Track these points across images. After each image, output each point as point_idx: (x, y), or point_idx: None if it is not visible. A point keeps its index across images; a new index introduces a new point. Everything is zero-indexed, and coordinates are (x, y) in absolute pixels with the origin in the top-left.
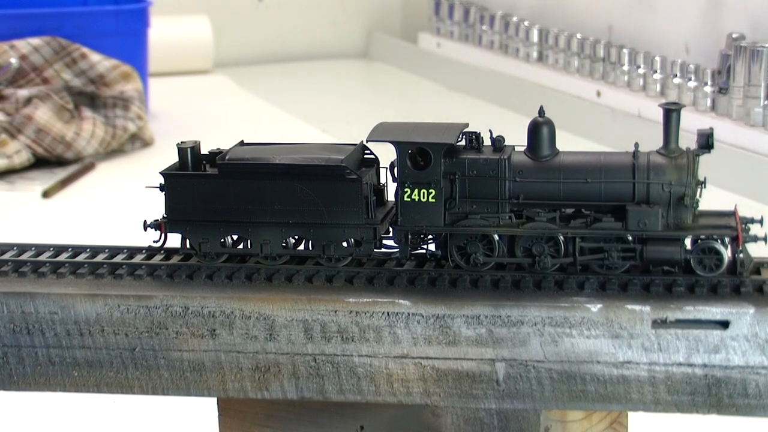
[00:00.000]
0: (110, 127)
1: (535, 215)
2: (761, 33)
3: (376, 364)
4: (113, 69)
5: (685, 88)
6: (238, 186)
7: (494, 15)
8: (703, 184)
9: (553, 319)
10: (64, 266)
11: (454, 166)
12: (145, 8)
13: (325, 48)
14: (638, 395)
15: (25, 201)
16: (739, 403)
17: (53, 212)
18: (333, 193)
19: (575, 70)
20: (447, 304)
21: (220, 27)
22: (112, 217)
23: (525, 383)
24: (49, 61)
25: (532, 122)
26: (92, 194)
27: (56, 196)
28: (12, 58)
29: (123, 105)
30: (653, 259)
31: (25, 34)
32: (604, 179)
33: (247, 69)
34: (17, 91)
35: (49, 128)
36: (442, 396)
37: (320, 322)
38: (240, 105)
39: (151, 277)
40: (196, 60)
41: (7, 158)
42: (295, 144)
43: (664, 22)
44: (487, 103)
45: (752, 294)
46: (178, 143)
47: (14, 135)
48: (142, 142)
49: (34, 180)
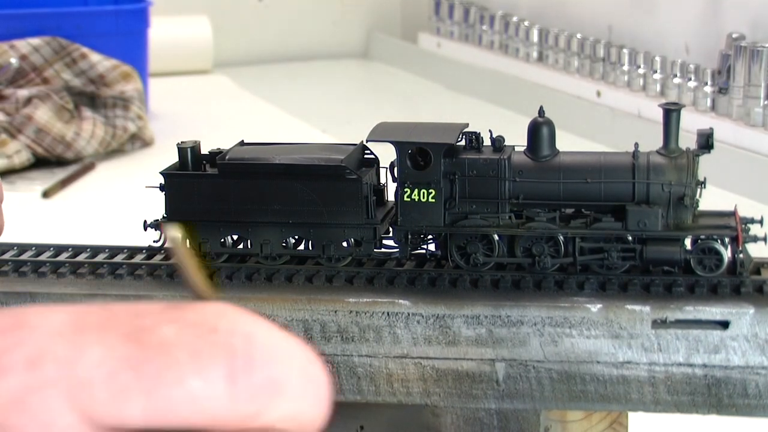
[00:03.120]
0: (110, 127)
1: (535, 215)
2: (761, 33)
3: (376, 364)
4: (113, 69)
5: (685, 88)
6: (238, 186)
7: (494, 15)
8: (703, 184)
9: (553, 319)
10: (65, 266)
11: (454, 166)
12: (145, 8)
13: (325, 48)
14: (638, 395)
15: (25, 201)
16: (739, 403)
17: (53, 212)
18: (333, 193)
19: (575, 70)
20: (447, 304)
21: (220, 27)
22: (112, 217)
23: (525, 383)
24: (49, 61)
25: (532, 122)
26: (92, 194)
27: (56, 196)
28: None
29: (123, 105)
30: (653, 259)
31: (25, 34)
32: (603, 179)
33: (247, 69)
34: (17, 91)
35: (49, 128)
36: (441, 396)
37: (320, 322)
38: (240, 105)
39: (151, 277)
40: (196, 60)
41: (7, 158)
42: (295, 144)
43: (664, 22)
44: (487, 103)
45: (752, 294)
46: (178, 143)
47: (14, 135)
48: (142, 142)
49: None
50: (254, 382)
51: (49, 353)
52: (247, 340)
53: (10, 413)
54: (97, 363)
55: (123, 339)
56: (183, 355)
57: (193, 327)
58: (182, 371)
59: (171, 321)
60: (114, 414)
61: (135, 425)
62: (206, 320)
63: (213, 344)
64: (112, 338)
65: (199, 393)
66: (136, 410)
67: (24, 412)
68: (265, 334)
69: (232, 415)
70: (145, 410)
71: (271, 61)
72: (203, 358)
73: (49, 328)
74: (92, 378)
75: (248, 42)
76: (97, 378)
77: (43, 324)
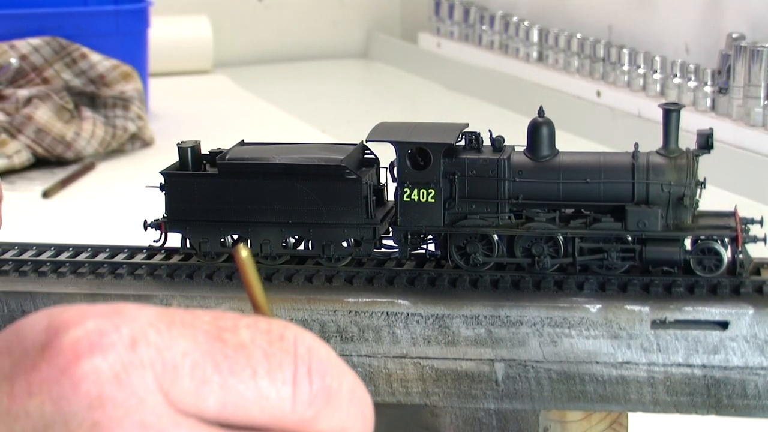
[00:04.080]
0: (110, 127)
1: (535, 215)
2: (761, 33)
3: (375, 364)
4: (113, 69)
5: (685, 88)
6: (238, 186)
7: (494, 15)
8: (703, 185)
9: (552, 320)
10: (65, 266)
11: (453, 166)
12: (145, 8)
13: (325, 48)
14: (637, 396)
15: (26, 201)
16: (738, 403)
17: (53, 212)
18: (333, 193)
19: (575, 70)
20: (446, 304)
21: (220, 27)
22: (112, 216)
23: (524, 383)
24: (49, 61)
25: (532, 122)
26: (92, 194)
27: (56, 196)
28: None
29: (123, 105)
30: (653, 260)
31: (25, 34)
32: (603, 179)
33: (247, 69)
34: (17, 91)
35: (49, 128)
36: (441, 396)
37: (319, 322)
38: (240, 105)
39: (152, 277)
40: (196, 60)
41: (7, 158)
42: (295, 144)
43: (664, 22)
44: (487, 103)
45: (752, 295)
46: (178, 143)
47: (14, 135)
48: (142, 142)
49: (34, 180)
50: (314, 388)
51: (144, 338)
52: (309, 351)
53: (109, 386)
54: (184, 353)
55: (206, 336)
56: (258, 356)
57: (264, 333)
58: (256, 371)
59: (246, 326)
60: (193, 402)
61: (208, 416)
62: (274, 329)
63: (282, 350)
64: (197, 334)
65: (268, 392)
66: (212, 401)
67: (121, 387)
68: (324, 347)
69: (293, 416)
70: (219, 403)
71: (271, 61)
72: (274, 361)
73: (144, 318)
74: (179, 365)
75: (248, 42)
76: (184, 366)
77: (138, 314)
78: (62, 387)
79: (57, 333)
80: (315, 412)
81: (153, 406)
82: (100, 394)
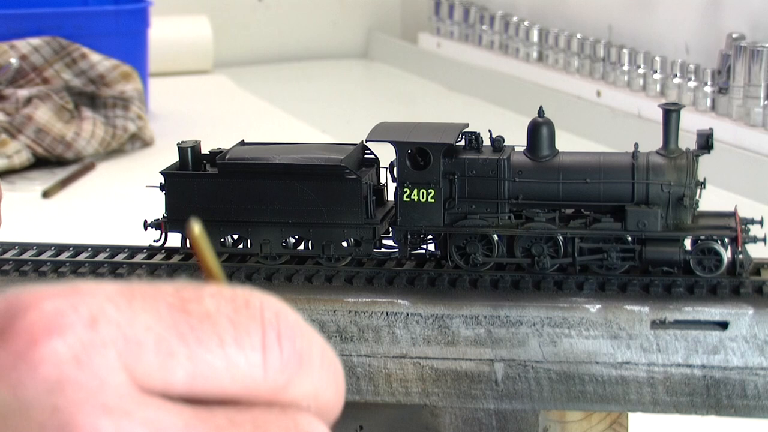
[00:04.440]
0: (110, 127)
1: (535, 215)
2: (761, 33)
3: (375, 364)
4: (113, 69)
5: (685, 88)
6: (238, 186)
7: (494, 15)
8: (703, 185)
9: (551, 320)
10: (65, 266)
11: (453, 166)
12: (145, 8)
13: (325, 48)
14: (637, 396)
15: (26, 201)
16: (738, 404)
17: (53, 212)
18: (333, 193)
19: (575, 70)
20: (446, 304)
21: (220, 27)
22: (112, 216)
23: (523, 383)
24: (49, 61)
25: (532, 122)
26: (92, 194)
27: (56, 196)
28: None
29: (123, 105)
30: (652, 260)
31: (25, 34)
32: (603, 180)
33: (247, 69)
34: (17, 91)
35: (49, 128)
36: (440, 396)
37: (319, 322)
38: (240, 105)
39: (152, 277)
40: (195, 60)
41: (7, 158)
42: (295, 144)
43: (664, 22)
44: (487, 103)
45: (751, 295)
46: (178, 143)
47: (14, 135)
48: (142, 142)
49: (34, 180)
50: (285, 353)
51: (104, 316)
52: (276, 315)
53: (69, 369)
54: (147, 328)
55: (169, 308)
56: (224, 324)
57: (229, 301)
58: (223, 340)
59: (211, 295)
60: (160, 377)
61: (178, 391)
62: (239, 296)
63: (248, 317)
64: (160, 307)
65: (237, 360)
66: (180, 375)
67: (82, 369)
68: (291, 313)
69: (265, 384)
70: (188, 375)
71: (271, 61)
72: (241, 328)
73: (102, 294)
74: (142, 341)
75: (248, 42)
76: (147, 342)
77: (96, 291)
78: (19, 373)
79: (13, 317)
80: (287, 378)
81: (116, 387)
82: (60, 377)
